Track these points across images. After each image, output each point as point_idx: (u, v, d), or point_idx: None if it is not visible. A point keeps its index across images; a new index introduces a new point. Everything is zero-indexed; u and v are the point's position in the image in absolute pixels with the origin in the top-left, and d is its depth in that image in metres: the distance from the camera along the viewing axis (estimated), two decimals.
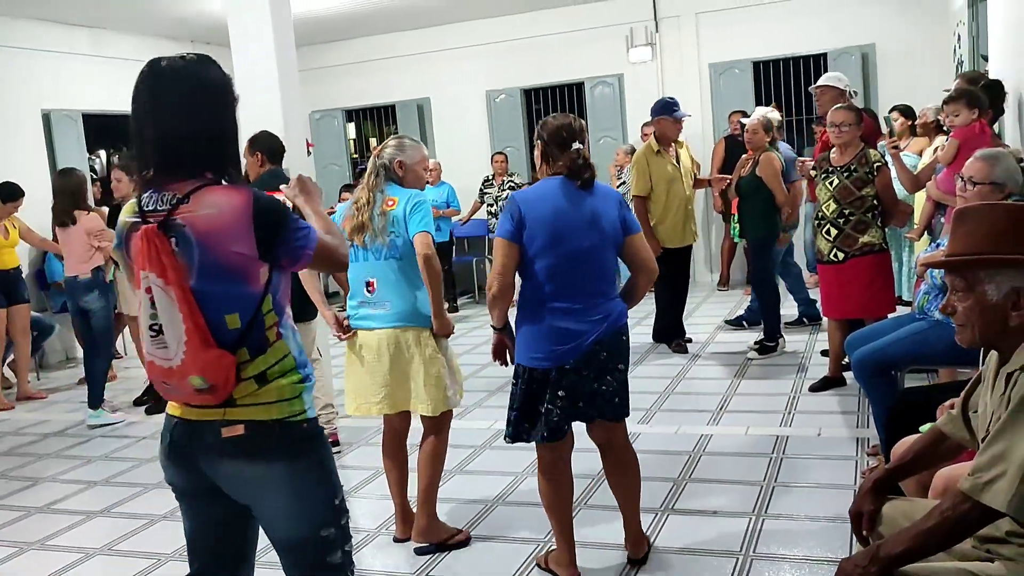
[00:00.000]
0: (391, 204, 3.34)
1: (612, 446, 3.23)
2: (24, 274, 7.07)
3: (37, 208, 7.44)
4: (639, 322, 6.97)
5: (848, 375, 5.04)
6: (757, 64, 9.41)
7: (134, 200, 2.04)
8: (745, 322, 7.08)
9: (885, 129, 5.97)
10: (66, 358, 8.28)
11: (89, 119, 8.86)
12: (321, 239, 2.06)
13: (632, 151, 8.19)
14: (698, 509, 3.72)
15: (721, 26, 9.40)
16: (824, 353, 5.67)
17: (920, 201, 5.48)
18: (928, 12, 8.59)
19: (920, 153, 6.09)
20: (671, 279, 6.23)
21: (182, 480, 2.10)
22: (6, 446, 5.65)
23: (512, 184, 9.44)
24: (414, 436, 3.64)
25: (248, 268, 1.95)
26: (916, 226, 5.30)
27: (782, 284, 6.61)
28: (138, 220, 1.99)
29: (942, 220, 4.78)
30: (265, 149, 4.64)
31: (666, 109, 6.37)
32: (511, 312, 3.12)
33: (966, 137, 4.46)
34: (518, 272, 3.05)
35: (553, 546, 3.34)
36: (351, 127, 11.34)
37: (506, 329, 3.10)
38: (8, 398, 6.80)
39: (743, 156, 6.34)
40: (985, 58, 6.04)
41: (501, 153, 9.68)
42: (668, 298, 6.58)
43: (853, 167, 4.82)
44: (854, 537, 2.35)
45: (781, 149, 6.28)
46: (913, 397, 3.39)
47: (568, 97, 10.28)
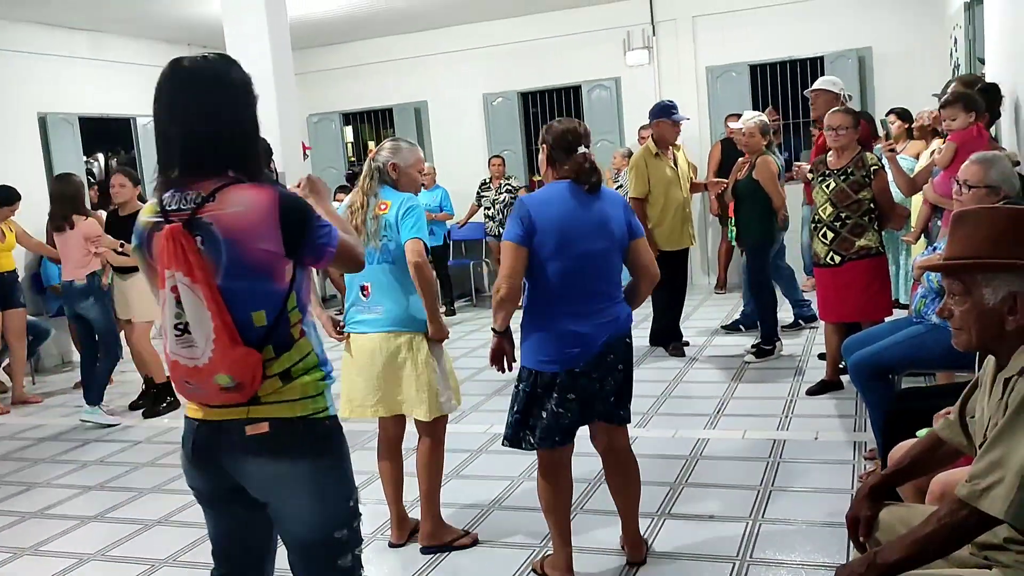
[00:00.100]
0: (383, 208, 3.32)
1: (613, 450, 3.23)
2: (20, 278, 7.04)
3: (33, 212, 7.43)
4: (636, 325, 6.84)
5: (845, 379, 5.03)
6: (754, 67, 9.42)
7: (154, 201, 2.04)
8: (742, 326, 7.08)
9: (881, 132, 5.97)
10: (62, 362, 8.25)
11: (85, 122, 8.83)
12: (342, 237, 2.08)
13: (629, 154, 8.19)
14: (695, 513, 3.71)
15: (718, 29, 9.41)
16: (821, 356, 5.66)
17: (917, 204, 5.48)
18: (925, 15, 8.60)
19: (917, 156, 6.10)
20: (668, 282, 6.16)
21: (206, 484, 2.11)
22: (0, 451, 5.63)
23: (509, 187, 9.44)
24: (410, 440, 3.63)
25: (274, 265, 1.96)
26: (913, 229, 5.30)
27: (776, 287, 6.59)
28: (160, 220, 1.99)
29: (939, 223, 4.78)
30: None
31: (664, 112, 6.37)
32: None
33: (963, 140, 4.46)
34: (524, 276, 3.04)
35: (550, 551, 3.33)
36: (348, 130, 11.33)
37: (507, 333, 3.09)
38: (3, 402, 6.78)
39: (740, 159, 6.34)
40: (982, 61, 6.05)
41: (498, 156, 9.68)
42: (665, 301, 6.57)
43: (850, 170, 4.82)
44: (851, 543, 2.34)
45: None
46: (910, 401, 3.39)
47: (565, 100, 10.28)
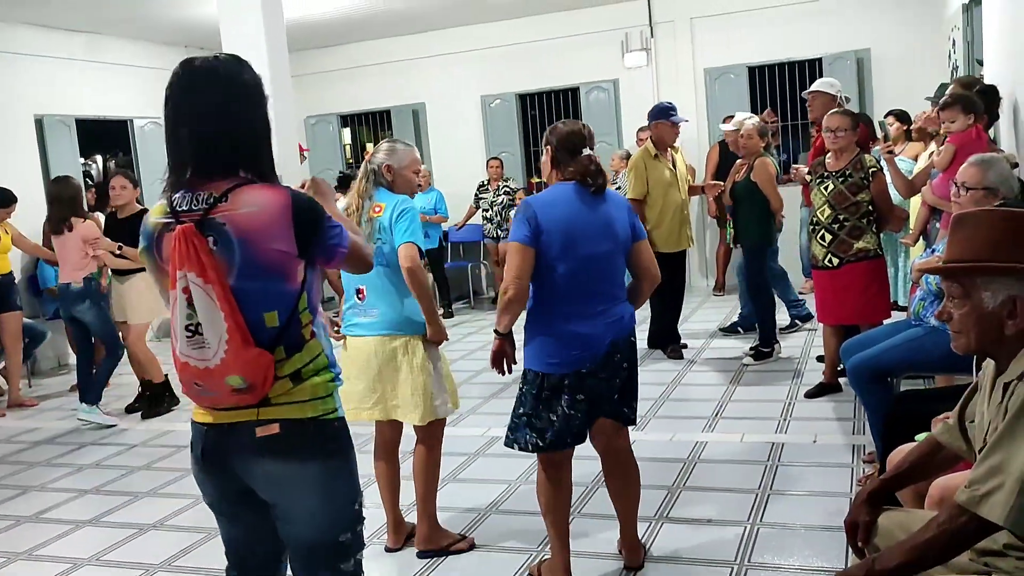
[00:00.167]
0: (377, 211, 3.30)
1: (614, 451, 3.21)
2: (16, 280, 7.02)
3: (30, 214, 7.41)
4: (636, 327, 6.93)
5: (844, 381, 5.02)
6: (752, 69, 9.40)
7: (164, 201, 2.02)
8: (740, 328, 7.06)
9: (880, 134, 5.95)
10: (58, 365, 8.23)
11: (82, 124, 8.81)
12: (352, 238, 2.08)
13: (627, 156, 8.18)
14: (693, 517, 3.69)
15: (716, 31, 9.40)
16: (820, 359, 5.65)
17: (915, 206, 5.46)
18: (923, 17, 8.59)
19: (915, 158, 6.08)
20: (666, 284, 6.13)
21: (216, 488, 2.10)
22: None
23: (507, 189, 9.42)
24: (407, 444, 3.61)
25: (287, 265, 1.96)
26: (911, 231, 5.28)
27: None
28: (170, 220, 1.98)
29: (937, 225, 4.76)
30: None
31: (664, 114, 6.36)
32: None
33: (962, 142, 4.44)
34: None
35: (547, 555, 3.31)
36: (346, 132, 11.31)
37: (509, 336, 3.07)
38: None
39: (738, 161, 6.33)
40: (980, 63, 6.04)
41: (496, 158, 9.66)
42: (663, 303, 6.55)
43: (848, 172, 4.80)
44: (850, 548, 2.32)
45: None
46: (909, 404, 3.36)
47: (563, 102, 10.27)
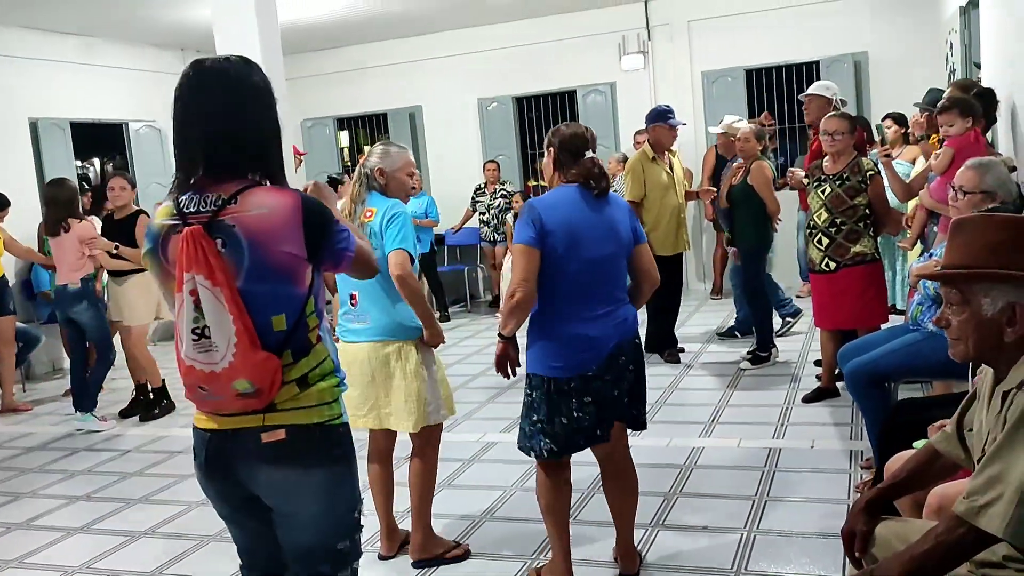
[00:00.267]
0: (368, 216, 3.27)
1: (613, 459, 3.18)
2: (11, 284, 6.98)
3: (24, 217, 7.39)
4: None
5: (841, 385, 4.99)
6: (750, 72, 9.38)
7: (170, 203, 2.01)
8: (737, 332, 7.04)
9: (877, 137, 5.93)
10: (52, 369, 8.19)
11: (77, 127, 8.77)
12: (359, 243, 2.08)
13: (624, 159, 8.15)
14: (689, 524, 3.66)
15: (713, 34, 9.38)
16: (817, 363, 5.62)
17: (912, 210, 5.43)
18: (920, 20, 8.57)
19: (913, 161, 6.06)
20: (663, 288, 6.13)
21: (222, 494, 2.09)
22: None
23: (504, 192, 9.40)
24: (403, 449, 3.58)
25: (296, 268, 1.95)
26: (909, 235, 5.26)
27: None
28: (177, 222, 1.96)
29: (935, 229, 4.73)
30: None
31: (661, 117, 6.36)
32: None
33: (961, 146, 4.42)
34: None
35: (541, 563, 3.27)
36: (344, 135, 11.27)
37: (513, 339, 3.05)
38: None
39: (734, 164, 6.32)
40: (977, 65, 6.02)
41: (493, 161, 9.64)
42: (660, 307, 6.53)
43: (846, 176, 4.78)
44: (847, 557, 2.29)
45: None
46: (907, 410, 3.33)
47: (560, 105, 10.24)
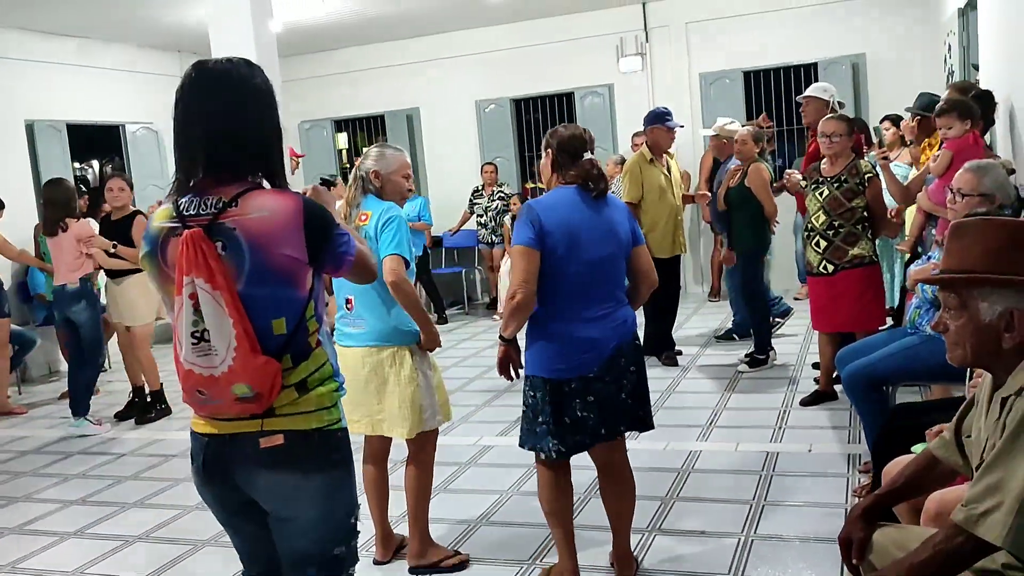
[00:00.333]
0: (363, 219, 3.24)
1: (612, 464, 3.16)
2: (7, 286, 6.95)
3: (20, 219, 7.36)
4: None
5: (839, 389, 4.96)
6: (748, 74, 9.36)
7: (169, 205, 1.98)
8: (735, 335, 7.02)
9: (875, 139, 5.91)
10: (49, 372, 8.16)
11: (74, 129, 8.75)
12: (359, 247, 2.07)
13: (622, 161, 8.13)
14: (686, 529, 3.63)
15: (711, 36, 9.36)
16: (815, 366, 5.60)
17: (911, 212, 5.41)
18: (919, 21, 8.56)
19: (911, 164, 6.03)
20: (661, 290, 6.11)
21: (220, 499, 2.07)
22: None
23: (502, 194, 9.38)
24: (399, 452, 3.55)
25: (297, 272, 1.93)
26: (907, 238, 5.24)
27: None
28: (177, 225, 1.94)
29: (933, 232, 4.71)
30: None
31: (659, 119, 6.35)
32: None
33: (959, 148, 4.40)
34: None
35: (539, 568, 3.25)
36: (343, 137, 11.26)
37: (514, 341, 3.04)
38: None
39: (731, 167, 6.30)
40: (976, 67, 6.00)
41: (491, 163, 9.62)
42: (658, 309, 6.50)
43: (843, 178, 4.76)
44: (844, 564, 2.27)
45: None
46: (905, 415, 3.31)
47: (558, 107, 10.22)
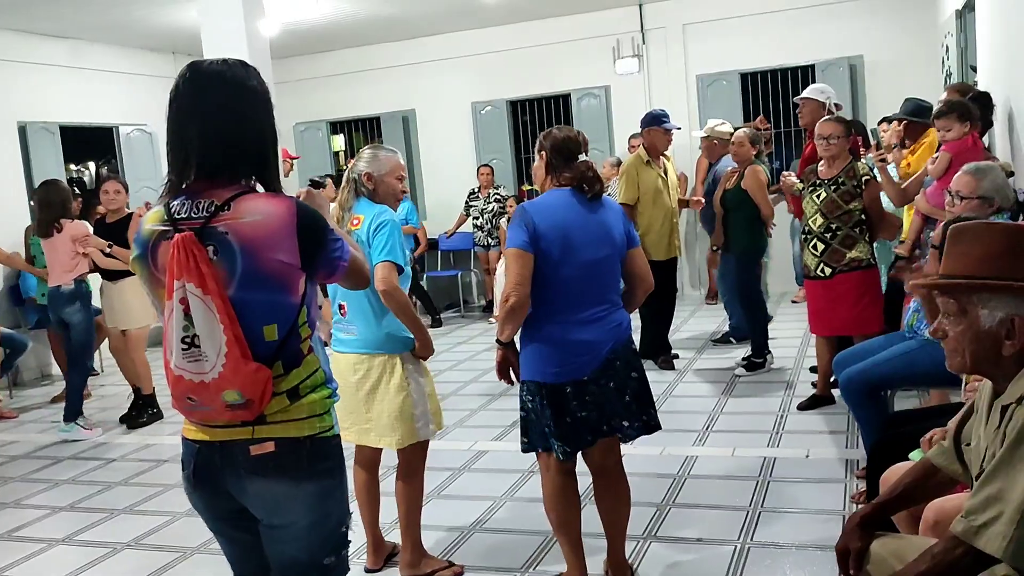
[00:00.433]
0: (355, 223, 3.18)
1: (607, 471, 3.12)
2: None
3: (12, 222, 7.30)
4: None
5: (837, 393, 4.91)
6: (745, 75, 9.33)
7: (160, 208, 1.94)
8: (732, 339, 6.98)
9: (872, 141, 5.88)
10: (41, 376, 8.09)
11: (67, 131, 8.69)
12: (353, 253, 2.05)
13: (618, 163, 8.10)
14: (682, 536, 3.59)
15: (708, 37, 9.33)
16: (813, 370, 5.56)
17: (909, 214, 5.38)
18: (916, 23, 8.53)
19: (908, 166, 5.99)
20: (657, 293, 6.10)
21: (210, 507, 2.04)
22: None
23: (498, 197, 9.35)
24: (391, 458, 3.50)
25: (289, 277, 1.91)
26: (905, 241, 5.20)
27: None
28: (168, 228, 1.90)
29: (931, 234, 4.67)
30: None
31: (656, 120, 6.31)
32: None
33: (958, 151, 4.36)
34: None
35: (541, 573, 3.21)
36: (338, 139, 11.21)
37: (511, 345, 3.01)
38: None
39: (728, 169, 6.27)
40: (974, 69, 5.97)
41: (487, 166, 9.58)
42: (654, 312, 6.46)
43: (841, 180, 4.72)
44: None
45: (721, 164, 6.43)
46: (902, 421, 3.27)
47: (554, 109, 10.18)
